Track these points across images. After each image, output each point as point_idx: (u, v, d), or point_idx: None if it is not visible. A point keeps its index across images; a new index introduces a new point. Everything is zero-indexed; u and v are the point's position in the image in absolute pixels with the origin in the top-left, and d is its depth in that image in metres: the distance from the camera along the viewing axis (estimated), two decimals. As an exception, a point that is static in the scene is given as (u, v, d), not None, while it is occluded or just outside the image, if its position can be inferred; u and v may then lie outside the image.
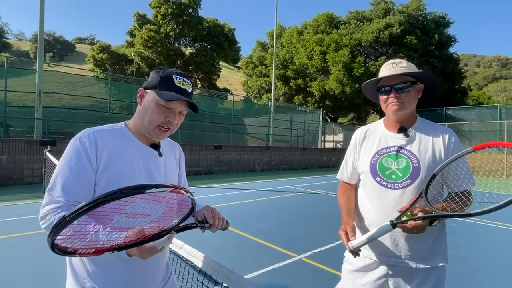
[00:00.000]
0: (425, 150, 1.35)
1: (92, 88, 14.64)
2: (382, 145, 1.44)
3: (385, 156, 1.40)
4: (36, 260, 3.44)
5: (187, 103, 1.10)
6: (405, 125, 1.41)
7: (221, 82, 39.31)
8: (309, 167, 19.10)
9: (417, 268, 1.31)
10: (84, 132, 1.05)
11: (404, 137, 1.39)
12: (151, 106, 1.07)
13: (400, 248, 1.33)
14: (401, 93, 1.35)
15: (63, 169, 0.99)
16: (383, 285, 1.37)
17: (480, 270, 3.59)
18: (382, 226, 1.20)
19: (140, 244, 0.84)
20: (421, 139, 1.37)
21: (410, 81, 1.35)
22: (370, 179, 1.42)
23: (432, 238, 1.34)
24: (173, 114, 1.08)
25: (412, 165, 1.33)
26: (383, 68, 1.42)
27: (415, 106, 1.41)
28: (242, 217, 5.85)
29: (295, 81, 26.21)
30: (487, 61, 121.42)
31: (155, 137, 1.10)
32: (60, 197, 0.96)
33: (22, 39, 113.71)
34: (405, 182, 1.33)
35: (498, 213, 4.75)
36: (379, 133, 1.48)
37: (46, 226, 0.95)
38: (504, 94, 68.45)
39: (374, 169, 1.41)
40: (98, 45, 26.79)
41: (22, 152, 9.12)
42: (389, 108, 1.38)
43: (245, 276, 1.95)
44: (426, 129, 1.39)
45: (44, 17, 10.29)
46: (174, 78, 1.07)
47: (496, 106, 22.99)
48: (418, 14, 25.98)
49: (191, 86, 1.12)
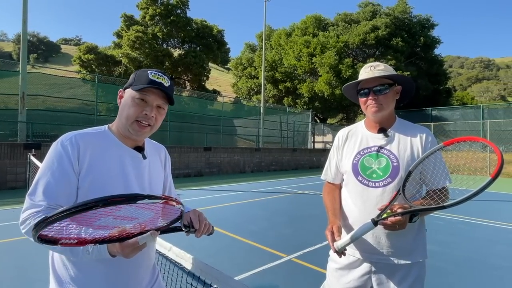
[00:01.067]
0: (404, 149, 1.40)
1: (78, 90, 14.34)
2: (363, 145, 1.49)
3: (366, 156, 1.45)
4: (19, 267, 3.35)
5: (165, 97, 1.10)
6: (385, 125, 1.46)
7: (210, 83, 39.16)
8: (299, 167, 19.22)
9: (398, 264, 1.36)
10: (66, 135, 1.03)
11: (384, 137, 1.44)
12: (128, 101, 1.07)
13: (382, 245, 1.37)
14: (379, 95, 1.40)
15: (44, 173, 0.98)
16: (367, 281, 1.41)
17: (464, 265, 3.69)
18: (364, 225, 1.24)
19: (122, 240, 0.84)
20: (400, 139, 1.43)
21: (387, 83, 1.41)
22: (352, 179, 1.47)
23: (412, 234, 1.38)
24: (150, 107, 1.07)
25: (392, 164, 1.38)
26: (362, 71, 1.47)
27: (393, 107, 1.47)
28: (232, 218, 5.84)
29: (284, 84, 26.34)
30: (471, 62, 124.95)
31: (135, 134, 1.08)
32: (41, 201, 0.95)
33: (4, 39, 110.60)
34: (386, 180, 1.38)
35: (481, 210, 4.90)
36: (360, 133, 1.53)
37: (26, 230, 0.93)
38: (487, 95, 70.60)
39: (356, 168, 1.46)
40: (84, 46, 26.31)
41: (5, 156, 8.86)
42: (368, 110, 1.44)
43: (236, 278, 1.95)
44: (404, 129, 1.45)
45: (27, 17, 10.04)
46: (149, 73, 1.08)
47: (479, 106, 23.71)
48: (404, 17, 26.54)
49: (169, 82, 1.11)
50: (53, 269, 1.05)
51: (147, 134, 1.12)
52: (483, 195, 1.08)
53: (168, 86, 1.10)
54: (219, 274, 1.04)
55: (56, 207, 0.96)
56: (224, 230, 4.97)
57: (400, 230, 1.25)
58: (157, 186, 1.20)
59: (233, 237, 4.65)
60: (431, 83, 27.64)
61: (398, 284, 1.34)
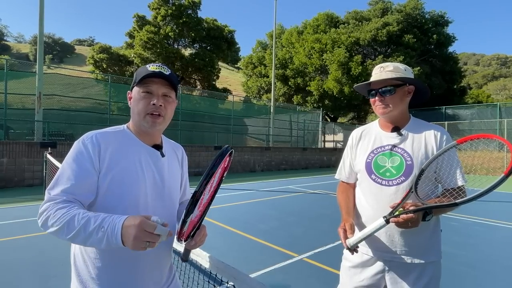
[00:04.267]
0: (418, 148, 1.40)
1: (91, 89, 14.64)
2: (377, 144, 1.49)
3: (380, 155, 1.46)
4: (37, 263, 3.45)
5: (168, 85, 1.12)
6: (398, 125, 1.47)
7: (220, 83, 39.32)
8: (309, 167, 19.11)
9: (412, 263, 1.35)
10: (88, 134, 1.07)
11: (397, 136, 1.45)
12: (136, 98, 1.11)
13: (395, 243, 1.37)
14: (385, 97, 1.41)
15: (65, 171, 1.00)
16: (380, 280, 1.40)
17: (480, 268, 3.60)
18: (376, 222, 1.24)
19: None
20: (414, 138, 1.43)
21: (394, 85, 1.41)
22: (366, 177, 1.47)
23: (427, 233, 1.38)
24: (156, 97, 1.09)
25: (406, 162, 1.38)
26: (373, 71, 1.48)
27: (405, 107, 1.47)
28: (243, 217, 5.86)
29: (294, 80, 26.24)
30: (487, 59, 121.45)
31: (150, 127, 1.10)
32: (60, 196, 0.97)
33: (22, 41, 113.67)
34: (399, 179, 1.38)
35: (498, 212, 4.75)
36: (374, 133, 1.54)
37: (43, 220, 0.93)
38: (504, 93, 68.49)
39: (370, 167, 1.46)
40: (98, 46, 26.80)
41: (23, 155, 9.13)
42: (377, 110, 1.46)
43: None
44: (418, 128, 1.45)
45: (43, 19, 10.30)
46: (147, 66, 1.11)
47: (496, 104, 22.99)
48: (416, 13, 25.99)
49: (168, 70, 1.13)
50: (74, 265, 1.07)
51: (161, 126, 1.13)
52: (500, 197, 1.05)
53: (169, 74, 1.12)
54: (236, 272, 1.04)
55: (74, 201, 0.97)
56: (235, 228, 4.99)
57: (414, 229, 1.25)
58: (175, 183, 1.22)
59: (244, 236, 4.67)
60: (445, 82, 27.01)
61: (413, 284, 1.33)
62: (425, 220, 1.23)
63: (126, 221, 0.87)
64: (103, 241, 0.87)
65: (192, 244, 1.04)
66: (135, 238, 0.83)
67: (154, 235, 0.84)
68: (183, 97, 16.39)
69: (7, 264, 3.40)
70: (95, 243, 0.88)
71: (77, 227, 0.88)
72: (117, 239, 0.85)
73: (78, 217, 0.90)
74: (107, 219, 0.89)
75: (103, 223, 0.87)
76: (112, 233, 0.86)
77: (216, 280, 1.17)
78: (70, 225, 0.89)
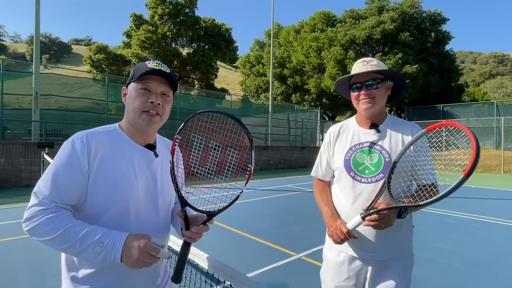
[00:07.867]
0: (396, 144, 1.42)
1: (89, 89, 14.57)
2: (355, 141, 1.50)
3: (359, 152, 1.47)
4: (36, 263, 3.44)
5: (168, 84, 1.09)
6: (376, 121, 1.48)
7: (218, 82, 39.26)
8: (307, 165, 19.12)
9: (388, 259, 1.39)
10: (77, 135, 1.02)
11: (375, 133, 1.46)
12: (132, 94, 1.07)
13: (373, 243, 1.40)
14: (371, 90, 1.41)
15: (53, 172, 0.96)
16: (361, 277, 1.43)
17: (478, 265, 3.62)
18: (354, 219, 1.30)
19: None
20: (392, 135, 1.44)
21: (379, 78, 1.42)
22: (344, 175, 1.48)
23: (400, 231, 1.41)
24: (154, 95, 1.06)
25: (384, 159, 1.40)
26: (355, 66, 1.47)
27: (385, 103, 1.48)
28: (241, 216, 5.86)
29: (292, 79, 26.22)
30: (484, 57, 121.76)
31: (146, 125, 1.06)
32: (48, 200, 0.93)
33: (18, 41, 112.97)
34: (378, 176, 1.39)
35: (496, 209, 4.76)
36: (352, 129, 1.54)
37: (32, 226, 0.91)
38: (501, 91, 68.72)
39: (348, 164, 1.47)
40: (95, 45, 26.66)
41: (20, 155, 9.09)
42: (360, 105, 1.45)
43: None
44: (395, 125, 1.47)
45: (40, 19, 10.24)
46: (147, 63, 1.08)
47: (493, 102, 23.09)
48: (413, 11, 26.02)
49: (168, 69, 1.10)
50: (66, 267, 1.05)
51: (157, 124, 1.09)
52: (498, 194, 1.05)
53: (169, 72, 1.09)
54: (233, 272, 1.04)
55: (65, 206, 0.95)
56: (232, 227, 4.99)
57: (389, 228, 1.28)
58: (169, 184, 1.17)
59: (242, 235, 4.66)
60: (442, 80, 27.06)
61: (391, 278, 1.38)
62: (400, 217, 1.26)
63: (128, 240, 0.88)
64: (100, 256, 0.88)
65: (188, 236, 1.02)
66: (137, 260, 0.86)
67: (156, 258, 0.87)
68: (181, 97, 16.35)
69: (5, 265, 3.38)
70: (90, 256, 0.89)
71: (73, 240, 0.88)
72: (116, 256, 0.87)
73: (75, 229, 0.89)
74: (106, 235, 0.89)
75: (102, 238, 0.88)
76: (112, 250, 0.87)
77: (213, 280, 1.17)
78: (65, 236, 0.89)
